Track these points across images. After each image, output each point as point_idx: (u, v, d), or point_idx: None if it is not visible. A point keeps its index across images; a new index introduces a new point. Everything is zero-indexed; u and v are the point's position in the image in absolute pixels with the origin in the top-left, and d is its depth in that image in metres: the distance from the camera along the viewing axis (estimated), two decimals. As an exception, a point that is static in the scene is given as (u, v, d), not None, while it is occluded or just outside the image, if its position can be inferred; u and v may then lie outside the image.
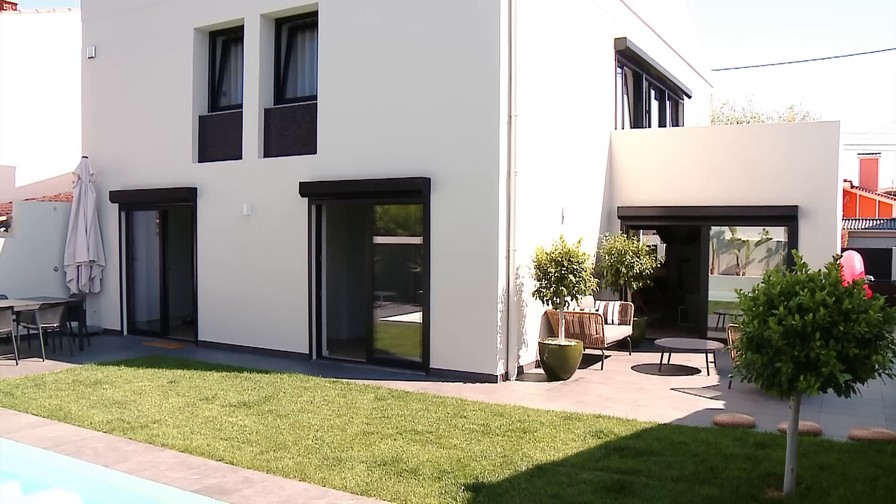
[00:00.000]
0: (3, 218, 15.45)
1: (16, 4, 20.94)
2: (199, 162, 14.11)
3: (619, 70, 16.10)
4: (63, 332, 13.33)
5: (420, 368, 11.53)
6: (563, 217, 12.85)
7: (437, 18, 11.28)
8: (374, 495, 6.20)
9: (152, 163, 14.65)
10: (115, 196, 15.10)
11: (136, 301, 15.45)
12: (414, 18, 11.50)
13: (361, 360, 12.23)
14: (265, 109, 13.34)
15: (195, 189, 13.99)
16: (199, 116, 14.20)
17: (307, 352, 12.66)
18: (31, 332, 12.92)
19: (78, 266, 15.01)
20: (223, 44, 14.39)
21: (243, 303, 13.44)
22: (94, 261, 15.08)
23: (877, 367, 5.73)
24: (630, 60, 16.55)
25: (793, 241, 13.74)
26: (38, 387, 10.31)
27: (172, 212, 15.09)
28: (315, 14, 12.71)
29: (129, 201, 15.08)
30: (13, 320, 12.10)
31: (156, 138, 14.63)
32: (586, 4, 13.96)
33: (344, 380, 10.91)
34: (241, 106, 13.63)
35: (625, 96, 16.87)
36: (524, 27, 11.28)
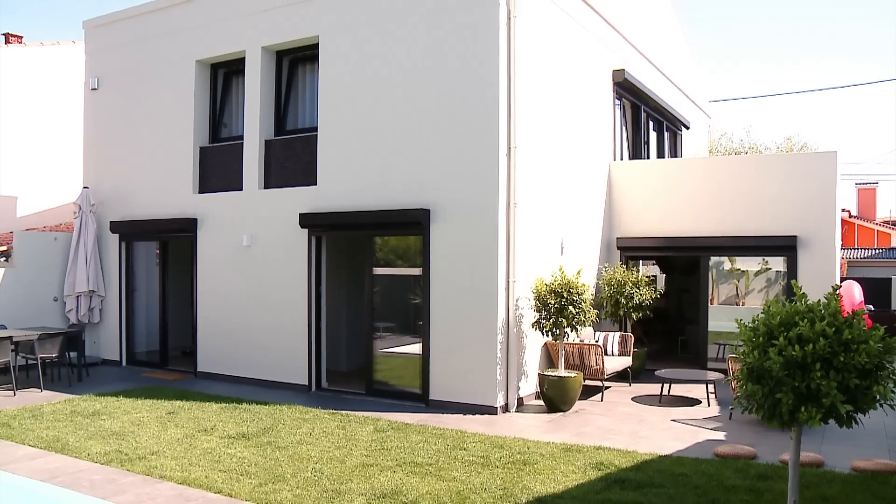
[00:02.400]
0: (4, 248, 15.47)
1: (21, 37, 21.19)
2: (200, 193, 14.17)
3: (617, 101, 16.22)
4: (62, 362, 13.28)
5: (420, 400, 11.48)
6: (562, 248, 12.87)
7: (437, 51, 11.39)
8: (374, 528, 6.15)
9: (153, 193, 14.71)
10: (116, 226, 15.14)
11: (135, 332, 15.42)
12: (414, 52, 11.61)
13: (361, 392, 12.18)
14: (265, 141, 13.43)
15: (195, 220, 14.03)
16: (200, 147, 14.28)
17: (306, 383, 12.61)
18: (30, 362, 12.87)
19: (77, 296, 15.00)
20: (224, 76, 14.52)
21: (243, 334, 13.41)
22: (93, 291, 15.07)
23: (878, 397, 5.70)
24: (628, 92, 16.68)
25: (792, 271, 13.74)
26: (36, 418, 10.26)
27: (173, 242, 15.11)
28: (315, 47, 12.83)
29: (130, 232, 15.11)
30: (12, 350, 12.07)
31: (157, 169, 14.70)
32: (585, 37, 14.11)
33: (343, 411, 10.86)
34: (241, 137, 13.71)
35: (623, 128, 16.98)
36: (523, 60, 11.39)
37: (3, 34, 21.07)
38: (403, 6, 11.73)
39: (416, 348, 11.69)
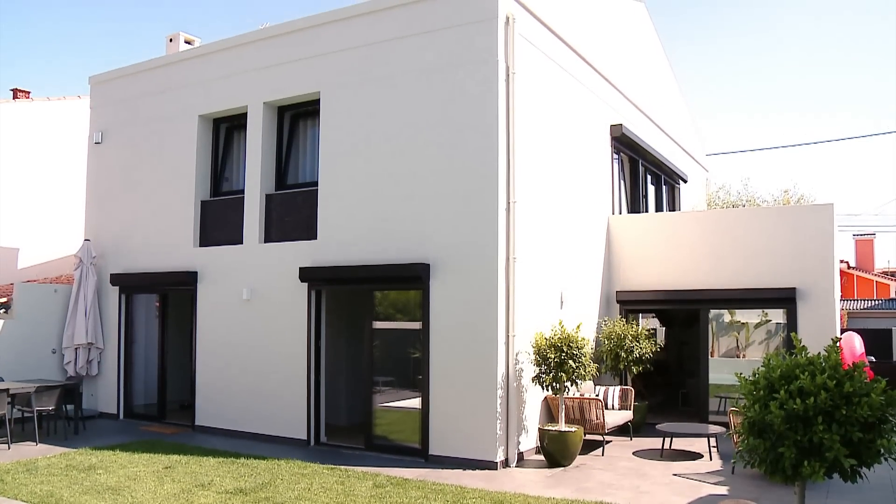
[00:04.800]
0: (4, 300, 15.47)
1: (29, 92, 21.53)
2: (201, 246, 14.22)
3: (615, 156, 16.39)
4: (58, 415, 13.17)
5: (419, 455, 11.36)
6: (562, 302, 12.88)
7: (436, 107, 11.55)
8: (373, 586, 6.05)
9: (154, 246, 14.76)
10: (116, 279, 15.16)
11: (133, 384, 15.32)
12: (413, 108, 11.78)
13: (360, 447, 12.06)
14: (266, 195, 13.53)
15: (195, 273, 14.06)
16: (202, 201, 14.38)
17: (305, 437, 12.50)
18: (26, 414, 12.76)
19: (76, 348, 14.94)
20: (226, 130, 14.69)
21: (241, 387, 13.33)
22: (92, 343, 15.02)
23: (882, 451, 5.67)
24: (626, 146, 16.87)
25: (792, 323, 13.73)
26: (30, 472, 10.14)
27: (172, 295, 15.11)
28: (317, 103, 13.01)
29: (130, 284, 15.12)
30: (8, 403, 11.98)
31: (158, 222, 14.78)
32: (583, 93, 14.32)
33: (342, 466, 10.75)
34: (242, 191, 13.81)
35: (622, 181, 17.13)
36: (522, 115, 11.55)
37: (12, 89, 21.43)
38: (403, 63, 11.94)
39: (415, 402, 11.61)
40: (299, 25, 13.15)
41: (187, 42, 17.04)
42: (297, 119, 13.85)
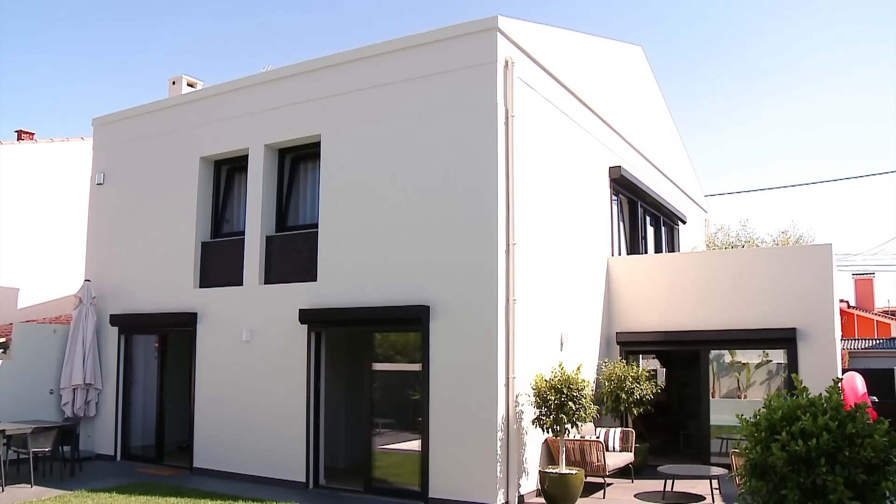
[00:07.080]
0: (3, 340, 15.41)
1: (33, 134, 21.70)
2: (201, 287, 14.22)
3: (614, 197, 16.48)
4: (55, 456, 13.04)
5: (419, 498, 11.24)
6: (562, 344, 12.85)
7: (436, 150, 11.64)
8: None
9: (154, 287, 14.76)
10: (116, 320, 15.13)
11: (131, 426, 15.20)
12: (413, 150, 11.87)
13: (359, 489, 11.94)
14: (267, 237, 13.57)
15: (195, 314, 14.04)
16: (202, 242, 14.42)
17: (304, 480, 12.37)
18: (22, 456, 12.64)
19: (74, 389, 14.84)
20: (227, 172, 14.79)
21: (240, 429, 13.23)
22: (90, 384, 14.93)
23: (887, 494, 5.61)
24: (625, 188, 16.97)
25: (792, 363, 13.68)
26: (27, 517, 10.02)
27: (172, 336, 15.07)
28: (317, 145, 13.12)
29: (130, 325, 15.09)
30: (4, 444, 11.87)
31: (159, 263, 14.80)
32: (581, 135, 14.46)
33: (341, 509, 10.63)
34: (243, 233, 13.86)
35: (621, 223, 17.20)
36: (521, 158, 11.64)
37: (16, 131, 21.60)
38: (403, 107, 12.07)
39: (415, 445, 11.52)
40: (300, 69, 13.32)
41: (190, 85, 17.24)
42: (298, 161, 13.95)
